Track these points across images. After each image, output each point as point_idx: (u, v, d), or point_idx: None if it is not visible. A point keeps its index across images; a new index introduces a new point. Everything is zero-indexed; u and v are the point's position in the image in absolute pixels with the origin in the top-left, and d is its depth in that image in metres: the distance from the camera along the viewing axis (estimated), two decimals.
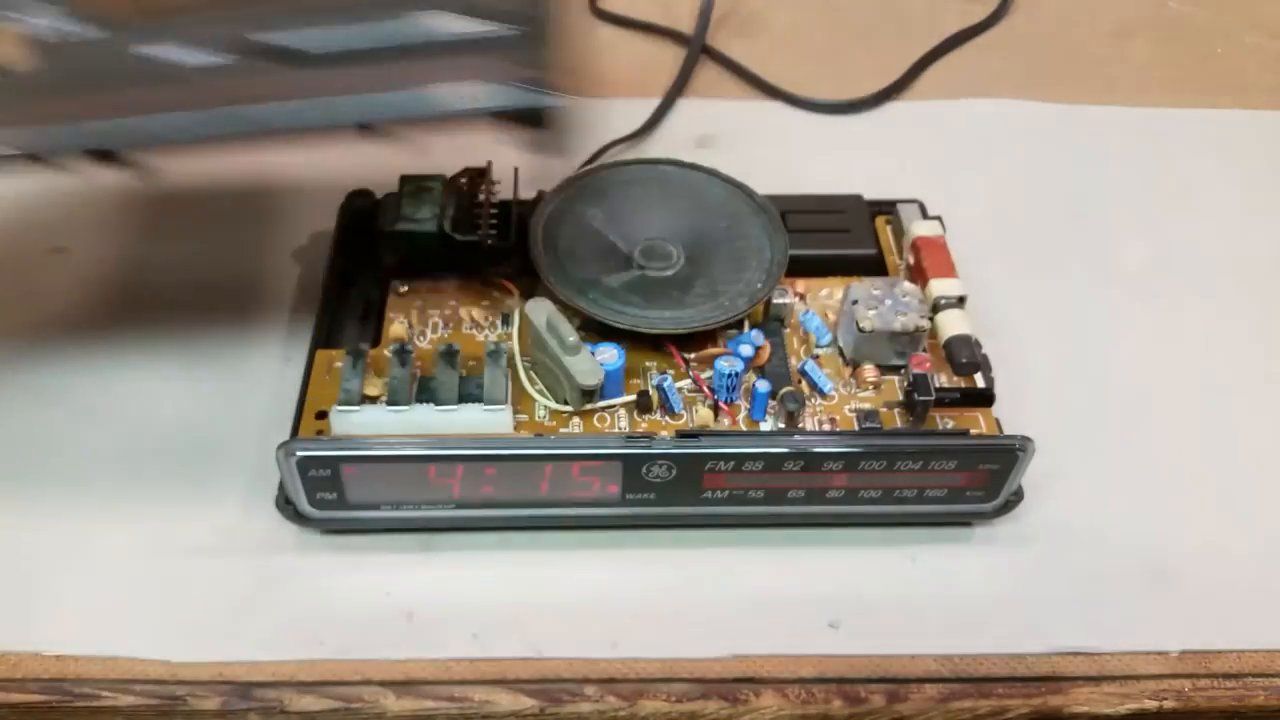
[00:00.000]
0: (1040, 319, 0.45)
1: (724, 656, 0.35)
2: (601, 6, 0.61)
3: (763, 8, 0.62)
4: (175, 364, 0.42)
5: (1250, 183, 0.52)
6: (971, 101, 0.56)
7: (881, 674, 0.34)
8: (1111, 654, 0.35)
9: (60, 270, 0.45)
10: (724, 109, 0.55)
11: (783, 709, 0.34)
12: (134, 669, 0.34)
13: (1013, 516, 0.38)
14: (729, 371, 0.37)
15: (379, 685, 0.34)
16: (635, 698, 0.34)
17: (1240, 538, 0.38)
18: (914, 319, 0.38)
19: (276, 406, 0.40)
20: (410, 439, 0.35)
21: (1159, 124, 0.55)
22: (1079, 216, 0.50)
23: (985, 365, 0.38)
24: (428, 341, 0.40)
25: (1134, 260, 0.48)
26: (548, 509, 0.36)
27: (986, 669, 0.35)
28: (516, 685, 0.34)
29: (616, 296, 0.39)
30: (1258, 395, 0.43)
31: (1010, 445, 0.34)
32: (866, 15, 0.62)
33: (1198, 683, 0.35)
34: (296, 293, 0.45)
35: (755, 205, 0.42)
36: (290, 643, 0.34)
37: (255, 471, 0.38)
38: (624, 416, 0.38)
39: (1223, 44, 0.60)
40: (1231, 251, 0.48)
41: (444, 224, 0.41)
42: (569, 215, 0.41)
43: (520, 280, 0.41)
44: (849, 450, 0.34)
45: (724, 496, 0.36)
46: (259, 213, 0.48)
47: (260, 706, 0.33)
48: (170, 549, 0.36)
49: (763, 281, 0.39)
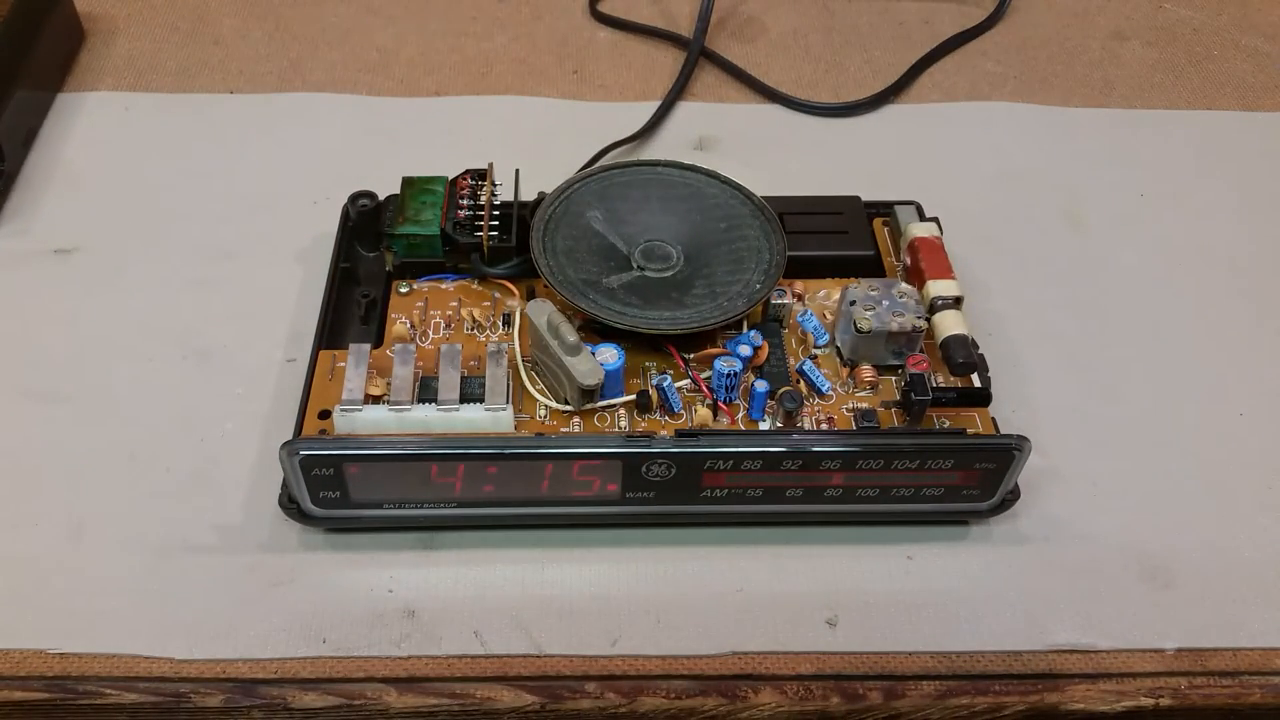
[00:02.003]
0: (1036, 319, 0.45)
1: (723, 653, 0.35)
2: (602, 10, 0.61)
3: (761, 11, 0.62)
4: (178, 363, 0.42)
5: (1246, 184, 0.52)
6: (968, 104, 0.56)
7: (879, 671, 0.35)
8: (1108, 651, 0.35)
9: (63, 269, 0.46)
10: (723, 111, 0.56)
11: (781, 705, 0.34)
12: (138, 666, 0.34)
13: (1009, 515, 0.38)
14: (728, 371, 0.37)
15: (381, 682, 0.34)
16: (635, 694, 0.34)
17: (1235, 536, 0.38)
18: (911, 319, 0.38)
19: (279, 406, 0.41)
20: (412, 438, 0.35)
21: (1155, 126, 0.55)
22: (1075, 218, 0.50)
23: (982, 365, 0.39)
24: (429, 342, 0.40)
25: (1130, 261, 0.48)
26: (548, 507, 0.36)
27: (983, 666, 0.35)
28: (517, 682, 0.34)
29: (616, 297, 0.39)
30: (1254, 395, 0.43)
31: (1006, 444, 0.35)
32: (864, 18, 0.62)
33: (1194, 680, 0.35)
34: (299, 293, 0.45)
35: (754, 207, 0.42)
36: (293, 640, 0.35)
37: (259, 470, 0.39)
38: (624, 416, 0.38)
39: (1218, 47, 0.61)
40: (1228, 253, 0.49)
41: (446, 225, 0.41)
42: (569, 216, 0.42)
43: (521, 281, 0.42)
44: (846, 449, 0.35)
45: (723, 495, 0.36)
46: (262, 213, 0.48)
47: (263, 703, 0.34)
48: (174, 547, 0.37)
49: (761, 282, 0.39)
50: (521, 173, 0.44)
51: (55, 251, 0.46)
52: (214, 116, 0.54)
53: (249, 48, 0.58)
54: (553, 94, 0.56)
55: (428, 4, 0.62)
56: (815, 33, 0.61)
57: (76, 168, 0.51)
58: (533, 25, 0.61)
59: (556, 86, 0.56)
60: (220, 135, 0.53)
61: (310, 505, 0.35)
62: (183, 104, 0.54)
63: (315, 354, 0.39)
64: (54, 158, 0.51)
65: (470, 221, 0.42)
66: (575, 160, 0.49)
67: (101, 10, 0.60)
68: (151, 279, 0.45)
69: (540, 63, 0.58)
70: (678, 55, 0.59)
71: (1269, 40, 0.61)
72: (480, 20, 0.61)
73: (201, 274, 0.46)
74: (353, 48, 0.58)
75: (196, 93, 0.55)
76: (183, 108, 0.54)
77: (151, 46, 0.58)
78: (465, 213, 0.42)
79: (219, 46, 0.58)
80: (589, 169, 0.45)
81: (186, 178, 0.50)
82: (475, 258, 0.41)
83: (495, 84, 0.57)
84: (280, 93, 0.55)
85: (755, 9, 0.63)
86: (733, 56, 0.58)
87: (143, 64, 0.57)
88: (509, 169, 0.44)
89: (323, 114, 0.54)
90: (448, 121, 0.54)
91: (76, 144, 0.52)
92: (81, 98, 0.54)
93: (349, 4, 0.61)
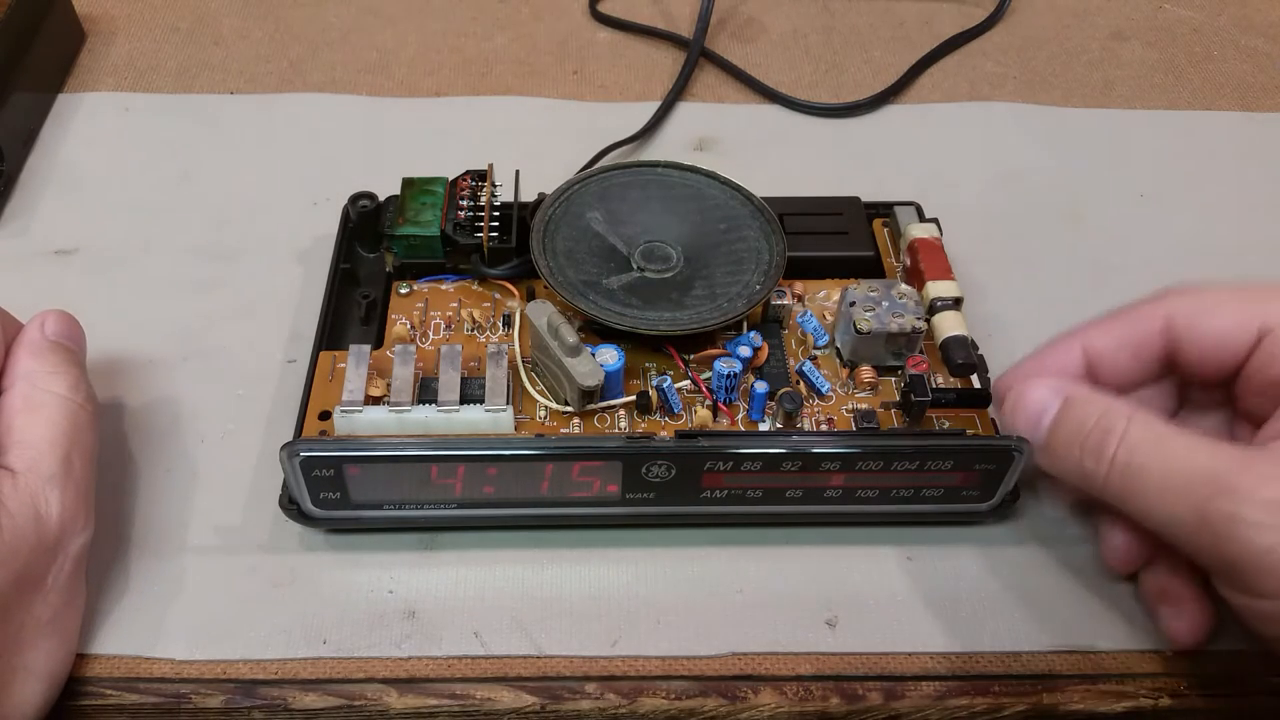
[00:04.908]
0: (1036, 320, 0.45)
1: (723, 654, 0.35)
2: (602, 10, 0.61)
3: (761, 12, 0.62)
4: (178, 364, 0.42)
5: (1246, 184, 0.52)
6: (968, 104, 0.56)
7: (879, 672, 0.35)
8: (1107, 652, 0.35)
9: (63, 269, 0.46)
10: (723, 112, 0.56)
11: (781, 706, 0.34)
12: (138, 667, 0.34)
13: (1008, 515, 0.38)
14: (728, 372, 0.37)
15: (382, 683, 0.34)
16: (635, 695, 0.34)
17: None
18: (910, 320, 0.38)
19: (280, 407, 0.41)
20: (413, 439, 0.36)
21: (1155, 126, 0.55)
22: (1075, 219, 0.50)
23: (981, 366, 0.39)
24: (430, 343, 0.40)
25: (1130, 262, 0.48)
26: (548, 508, 0.36)
27: (983, 667, 0.35)
28: (518, 683, 0.34)
29: (616, 298, 0.39)
30: None
31: (1006, 445, 0.35)
32: (864, 18, 0.62)
33: (1193, 681, 0.35)
34: (300, 294, 0.45)
35: (753, 207, 0.42)
36: (294, 641, 0.35)
37: (259, 472, 0.39)
38: (624, 417, 0.38)
39: (1218, 47, 0.61)
40: (1228, 254, 0.49)
41: (446, 226, 0.41)
42: (569, 217, 0.42)
43: (521, 282, 0.42)
44: (846, 450, 0.35)
45: (722, 496, 0.36)
46: (262, 214, 0.48)
47: (264, 704, 0.34)
48: (174, 548, 0.37)
49: (761, 283, 0.39)
50: (521, 173, 0.44)
51: (55, 252, 0.47)
52: (214, 117, 0.54)
53: (249, 48, 0.58)
54: (553, 94, 0.56)
55: (428, 4, 0.62)
56: (815, 33, 0.61)
57: (76, 168, 0.51)
58: (533, 25, 0.61)
59: (556, 87, 0.56)
60: (220, 136, 0.53)
61: (310, 506, 0.35)
62: (183, 104, 0.54)
63: (315, 355, 0.39)
64: (54, 158, 0.51)
65: (470, 222, 0.42)
66: (575, 161, 0.49)
67: (101, 10, 0.60)
68: (151, 279, 0.45)
69: (540, 63, 0.58)
70: (678, 55, 0.59)
71: (1269, 40, 0.61)
72: (480, 20, 0.61)
73: (202, 275, 0.46)
74: (353, 48, 0.58)
75: (196, 93, 0.55)
76: (183, 108, 0.54)
77: (151, 47, 0.58)
78: (465, 214, 0.42)
79: (219, 47, 0.58)
80: (589, 170, 0.45)
81: (187, 178, 0.50)
82: (475, 258, 0.41)
83: (495, 84, 0.57)
84: (280, 93, 0.55)
85: (755, 9, 0.63)
86: (733, 57, 0.58)
87: (143, 64, 0.57)
88: (509, 169, 0.44)
89: (323, 114, 0.54)
90: (448, 122, 0.54)
91: (76, 144, 0.52)
92: (81, 98, 0.54)
93: (349, 4, 0.61)
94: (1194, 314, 0.34)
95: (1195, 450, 0.30)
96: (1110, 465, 0.31)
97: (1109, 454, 0.31)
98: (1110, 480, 0.31)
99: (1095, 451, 0.31)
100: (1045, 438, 0.33)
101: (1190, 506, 0.29)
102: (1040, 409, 0.34)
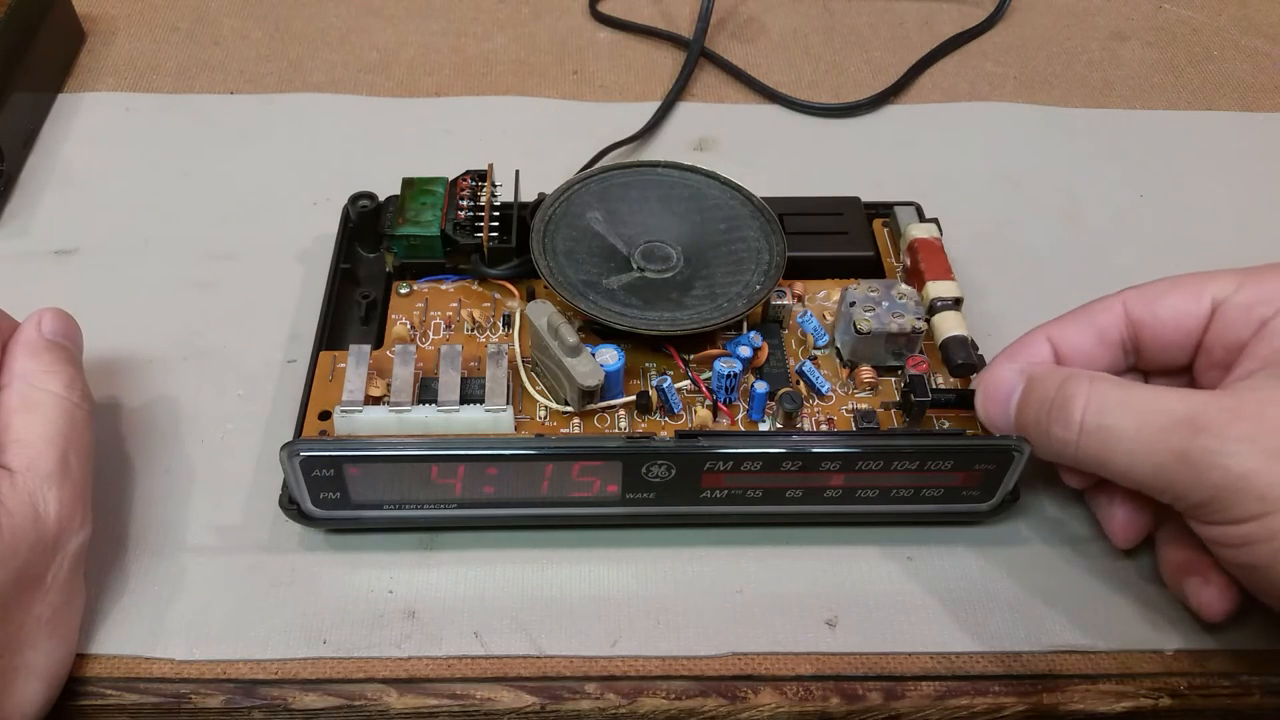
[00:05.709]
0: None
1: (723, 654, 0.35)
2: (602, 10, 0.61)
3: (761, 11, 0.62)
4: (178, 364, 0.42)
5: (1246, 184, 0.52)
6: (968, 104, 0.56)
7: (878, 672, 0.35)
8: (1107, 652, 0.35)
9: (63, 269, 0.46)
10: (723, 112, 0.56)
11: (781, 706, 0.34)
12: (138, 667, 0.34)
13: (1008, 516, 0.38)
14: (728, 372, 0.37)
15: (382, 683, 0.34)
16: (635, 695, 0.34)
17: None
18: (910, 320, 0.38)
19: (280, 407, 0.41)
20: (413, 439, 0.36)
21: (1155, 126, 0.55)
22: (1075, 219, 0.50)
23: (981, 366, 0.39)
24: (430, 343, 0.40)
25: (1129, 262, 0.48)
26: (548, 508, 0.36)
27: (983, 667, 0.35)
28: (518, 683, 0.34)
29: (616, 298, 0.39)
30: None
31: (1006, 445, 0.35)
32: (864, 18, 0.62)
33: (1194, 680, 0.35)
34: (300, 294, 0.45)
35: (753, 207, 0.42)
36: (294, 641, 0.35)
37: (259, 472, 0.39)
38: (624, 417, 0.38)
39: (1218, 47, 0.61)
40: (1228, 254, 0.48)
41: (446, 226, 0.41)
42: (569, 217, 0.42)
43: (521, 282, 0.42)
44: (846, 450, 0.35)
45: (722, 496, 0.36)
46: (262, 214, 0.48)
47: (264, 704, 0.34)
48: (174, 548, 0.37)
49: (761, 283, 0.39)
50: (521, 173, 0.44)
51: (55, 252, 0.47)
52: (214, 117, 0.54)
53: (249, 48, 0.58)
54: (553, 94, 0.56)
55: (428, 4, 0.62)
56: (815, 33, 0.61)
57: (76, 168, 0.51)
58: (533, 25, 0.61)
59: (556, 87, 0.56)
60: (220, 136, 0.53)
61: (310, 506, 0.35)
62: (183, 104, 0.54)
63: (315, 355, 0.39)
64: (54, 158, 0.51)
65: (470, 222, 0.42)
66: (575, 161, 0.49)
67: (101, 10, 0.60)
68: (151, 279, 0.45)
69: (540, 63, 0.58)
70: (678, 55, 0.59)
71: (1269, 40, 0.61)
72: (480, 20, 0.61)
73: (202, 275, 0.46)
74: (353, 48, 0.58)
75: (196, 93, 0.55)
76: (183, 108, 0.54)
77: (151, 47, 0.58)
78: (465, 214, 0.42)
79: (219, 47, 0.58)
80: (589, 170, 0.45)
81: (187, 178, 0.50)
82: (475, 258, 0.41)
83: (495, 84, 0.57)
84: (280, 93, 0.55)
85: (755, 9, 0.63)
86: (733, 57, 0.58)
87: (143, 64, 0.57)
88: (509, 169, 0.44)
89: (323, 114, 0.54)
90: (448, 121, 0.54)
91: (76, 145, 0.52)
92: (81, 98, 0.54)
93: (349, 4, 0.61)
94: (1149, 298, 0.35)
95: (1162, 398, 0.31)
96: (1080, 429, 0.32)
97: (1076, 418, 0.32)
98: (1083, 443, 0.32)
99: (1063, 418, 0.32)
100: (1014, 415, 0.35)
101: (1169, 449, 0.30)
102: (1009, 390, 0.35)
